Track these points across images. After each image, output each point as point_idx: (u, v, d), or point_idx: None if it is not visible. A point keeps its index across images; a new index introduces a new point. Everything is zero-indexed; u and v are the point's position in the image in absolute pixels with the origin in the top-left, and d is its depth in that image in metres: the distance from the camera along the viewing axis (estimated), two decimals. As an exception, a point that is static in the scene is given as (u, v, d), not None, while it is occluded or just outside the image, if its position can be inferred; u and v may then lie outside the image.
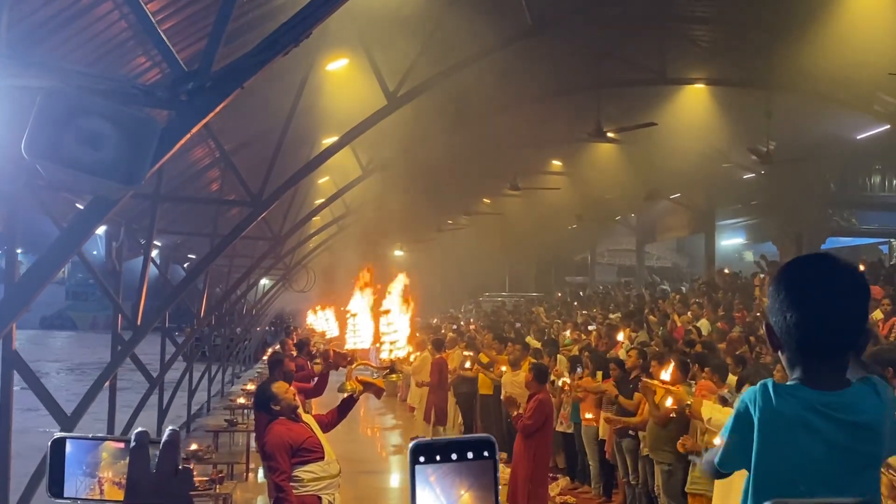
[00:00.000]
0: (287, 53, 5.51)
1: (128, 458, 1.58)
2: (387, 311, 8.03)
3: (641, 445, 11.60)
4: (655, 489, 11.12)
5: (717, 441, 3.01)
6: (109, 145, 4.76)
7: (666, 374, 8.96)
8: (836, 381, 2.77)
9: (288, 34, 5.30)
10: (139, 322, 11.54)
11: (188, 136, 5.38)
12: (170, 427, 1.62)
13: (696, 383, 10.56)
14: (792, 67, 16.89)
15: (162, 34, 5.66)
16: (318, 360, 13.52)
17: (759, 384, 2.80)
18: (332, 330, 14.24)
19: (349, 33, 12.70)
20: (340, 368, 9.33)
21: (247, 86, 5.60)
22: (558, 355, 15.74)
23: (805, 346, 2.75)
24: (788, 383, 2.79)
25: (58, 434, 1.64)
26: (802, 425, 2.69)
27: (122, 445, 1.61)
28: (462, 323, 31.41)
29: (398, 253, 40.58)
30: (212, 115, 5.39)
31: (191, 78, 5.29)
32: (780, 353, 2.83)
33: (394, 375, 8.61)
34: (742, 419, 2.77)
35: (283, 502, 7.27)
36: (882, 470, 6.20)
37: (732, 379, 10.05)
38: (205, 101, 5.28)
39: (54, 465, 1.62)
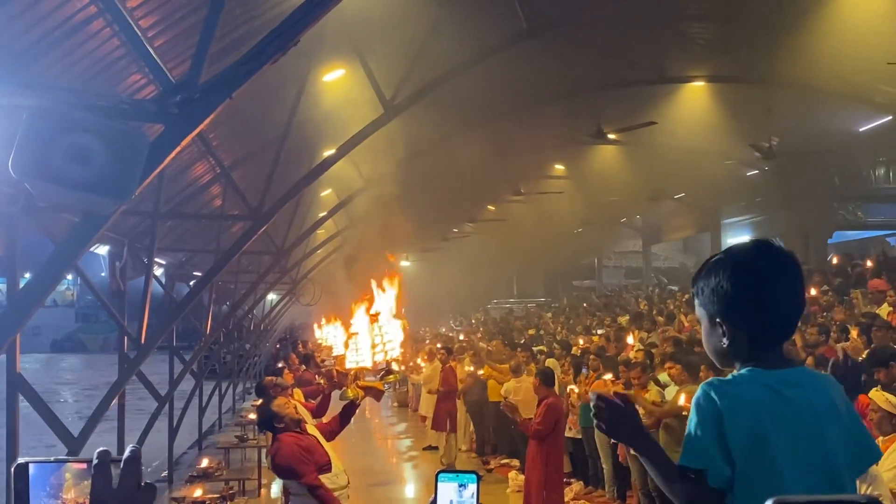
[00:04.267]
0: (276, 61, 5.45)
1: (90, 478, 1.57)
2: (378, 314, 7.99)
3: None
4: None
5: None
6: (98, 161, 4.72)
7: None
8: (786, 361, 2.77)
9: (275, 42, 5.26)
10: (143, 340, 11.49)
11: (179, 148, 5.33)
12: (131, 445, 1.59)
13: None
14: (791, 62, 16.82)
15: (150, 48, 5.63)
16: (322, 380, 13.44)
17: (711, 379, 2.72)
18: (338, 346, 14.16)
19: (344, 43, 12.67)
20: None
21: (237, 96, 5.55)
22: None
23: (766, 333, 2.72)
24: (742, 371, 2.74)
25: (21, 459, 1.62)
26: (771, 404, 2.63)
27: (84, 466, 1.60)
28: (460, 333, 31.22)
29: (404, 263, 40.53)
30: (202, 126, 5.35)
31: (179, 90, 5.24)
32: (723, 344, 2.75)
33: (391, 376, 8.57)
34: (704, 410, 2.65)
35: (322, 498, 7.20)
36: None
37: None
38: (194, 113, 5.23)
39: (19, 491, 1.61)
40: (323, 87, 14.42)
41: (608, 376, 12.81)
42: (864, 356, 10.69)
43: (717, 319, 2.73)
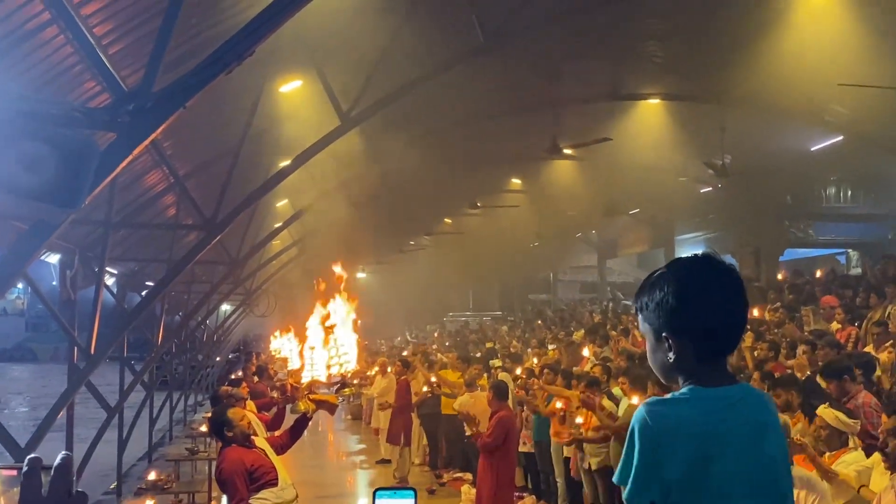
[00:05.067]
0: (231, 72, 5.44)
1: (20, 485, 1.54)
2: (333, 327, 7.97)
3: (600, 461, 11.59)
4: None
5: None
6: (47, 168, 4.67)
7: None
8: (728, 377, 2.78)
9: (230, 52, 5.24)
10: (93, 350, 11.37)
11: (130, 157, 5.29)
12: (63, 452, 1.57)
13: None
14: (744, 81, 17.03)
15: (103, 56, 5.59)
16: (275, 392, 13.37)
17: (649, 401, 2.74)
18: (292, 358, 14.09)
19: (302, 54, 12.65)
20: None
21: (192, 105, 5.53)
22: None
23: (712, 345, 2.72)
24: (682, 390, 2.74)
25: None
26: (712, 424, 2.64)
27: (13, 473, 1.58)
28: (407, 348, 31.14)
29: (360, 275, 40.39)
30: (154, 135, 5.31)
31: (132, 99, 5.21)
32: (669, 359, 2.75)
33: (346, 389, 8.55)
34: (643, 435, 2.64)
35: None
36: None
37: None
38: (146, 122, 5.20)
39: None
40: (280, 98, 14.38)
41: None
42: (808, 373, 10.84)
43: (664, 334, 2.72)
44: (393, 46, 12.93)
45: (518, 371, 16.07)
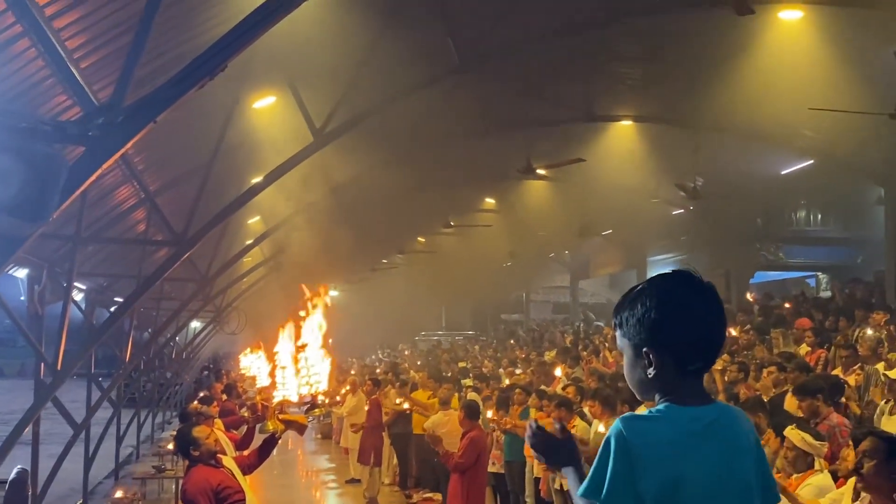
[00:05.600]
0: (202, 87, 5.41)
1: None
2: (304, 346, 7.91)
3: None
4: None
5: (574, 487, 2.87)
6: (14, 182, 4.62)
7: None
8: (704, 396, 2.79)
9: (202, 67, 5.21)
10: (59, 366, 11.24)
11: (99, 171, 5.24)
12: (18, 466, 1.52)
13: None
14: (716, 105, 17.15)
15: (74, 70, 5.54)
16: (246, 411, 13.25)
17: (626, 415, 2.74)
18: (261, 376, 13.99)
19: (276, 70, 12.63)
20: None
21: (164, 120, 5.50)
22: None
23: (692, 360, 2.73)
24: (659, 407, 2.74)
25: None
26: (686, 444, 2.64)
27: None
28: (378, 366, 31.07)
29: (332, 293, 40.25)
30: (124, 149, 5.27)
31: (102, 113, 5.17)
32: (648, 374, 2.76)
33: (316, 410, 8.48)
34: (620, 448, 2.64)
35: None
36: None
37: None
38: (116, 136, 5.16)
39: None
40: (253, 114, 14.33)
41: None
42: (772, 394, 10.89)
43: (644, 349, 2.73)
44: (368, 64, 12.95)
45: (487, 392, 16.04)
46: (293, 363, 7.98)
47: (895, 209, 20.93)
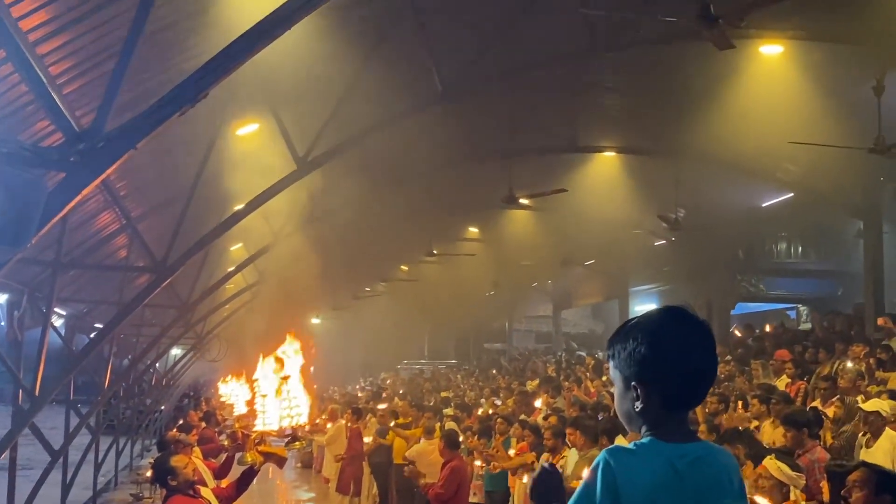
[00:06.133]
0: (184, 114, 5.42)
1: None
2: (286, 378, 7.87)
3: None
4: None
5: None
6: (-7, 206, 4.60)
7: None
8: (689, 433, 2.80)
9: (183, 95, 5.23)
10: (38, 392, 11.16)
11: (79, 197, 5.24)
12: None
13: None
14: (697, 137, 17.28)
15: (55, 95, 5.54)
16: (226, 439, 13.17)
17: (612, 448, 2.75)
18: (239, 404, 13.88)
19: (259, 98, 12.65)
20: None
21: (146, 146, 5.50)
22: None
23: (679, 397, 2.74)
24: (643, 441, 2.75)
25: None
26: (669, 481, 2.64)
27: None
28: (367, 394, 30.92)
29: (315, 321, 40.10)
30: (104, 175, 5.27)
31: (83, 139, 5.17)
32: (636, 407, 2.77)
33: (296, 443, 8.41)
34: (606, 480, 2.65)
35: None
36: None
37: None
38: (97, 162, 5.16)
39: None
40: (236, 141, 14.33)
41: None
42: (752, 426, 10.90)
43: (632, 382, 2.74)
44: (351, 92, 13.00)
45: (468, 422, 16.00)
46: (275, 394, 7.93)
47: (874, 242, 21.08)
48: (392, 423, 17.11)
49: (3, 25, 5.38)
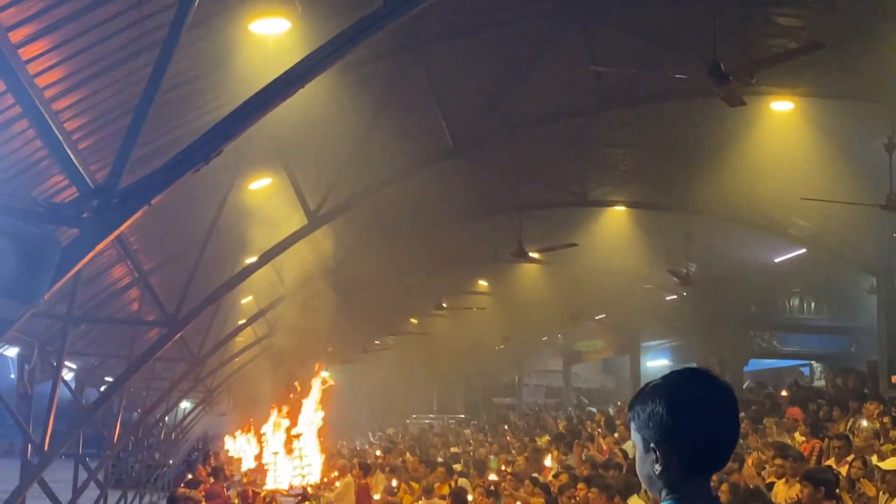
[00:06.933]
0: (198, 170, 5.45)
1: None
2: (298, 436, 7.81)
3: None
4: None
5: None
6: (6, 263, 4.61)
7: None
8: (710, 498, 2.76)
9: (198, 152, 5.26)
10: (47, 447, 11.10)
11: (93, 253, 5.24)
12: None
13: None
14: (708, 192, 17.31)
15: (70, 151, 5.57)
16: (236, 497, 13.08)
17: None
18: (248, 459, 13.83)
19: (271, 153, 12.73)
20: None
21: (158, 201, 5.52)
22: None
23: (699, 461, 2.70)
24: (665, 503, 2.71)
25: None
26: None
27: None
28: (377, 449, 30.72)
29: (323, 374, 39.95)
30: (118, 232, 5.27)
31: (97, 195, 5.19)
32: (655, 470, 2.73)
33: (306, 502, 8.34)
34: None
35: None
36: None
37: None
38: (111, 219, 5.17)
39: None
40: (248, 195, 14.41)
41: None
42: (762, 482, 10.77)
43: (652, 445, 2.70)
44: (363, 146, 13.07)
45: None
46: (285, 451, 7.88)
47: (887, 298, 20.98)
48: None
49: (20, 82, 5.43)
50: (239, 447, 20.55)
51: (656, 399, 2.71)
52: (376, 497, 17.71)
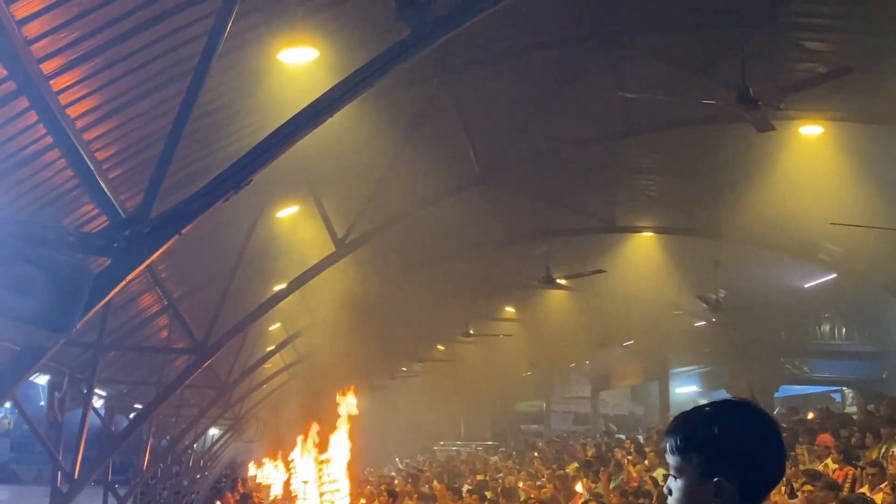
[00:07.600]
0: (228, 200, 5.47)
1: None
2: (327, 461, 7.80)
3: None
4: None
5: None
6: (39, 292, 4.64)
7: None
8: None
9: (228, 181, 5.28)
10: (77, 474, 11.15)
11: (124, 283, 5.27)
12: None
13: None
14: (737, 217, 17.21)
15: (101, 181, 5.61)
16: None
17: None
18: (276, 485, 13.78)
19: (300, 181, 12.80)
20: None
21: (186, 232, 5.54)
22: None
23: (759, 489, 2.66)
24: None
25: None
26: None
27: None
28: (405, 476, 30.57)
29: (352, 401, 39.89)
30: (149, 261, 5.30)
31: (128, 225, 5.22)
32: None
33: (334, 533, 8.31)
34: None
35: None
36: None
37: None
38: (142, 248, 5.20)
39: None
40: (276, 223, 14.48)
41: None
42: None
43: (716, 478, 2.62)
44: (390, 174, 13.10)
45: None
46: (316, 479, 7.85)
47: (919, 324, 20.74)
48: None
49: (52, 113, 5.49)
50: (266, 474, 20.48)
51: (726, 428, 2.67)
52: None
